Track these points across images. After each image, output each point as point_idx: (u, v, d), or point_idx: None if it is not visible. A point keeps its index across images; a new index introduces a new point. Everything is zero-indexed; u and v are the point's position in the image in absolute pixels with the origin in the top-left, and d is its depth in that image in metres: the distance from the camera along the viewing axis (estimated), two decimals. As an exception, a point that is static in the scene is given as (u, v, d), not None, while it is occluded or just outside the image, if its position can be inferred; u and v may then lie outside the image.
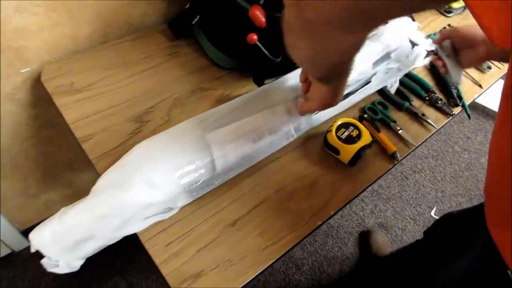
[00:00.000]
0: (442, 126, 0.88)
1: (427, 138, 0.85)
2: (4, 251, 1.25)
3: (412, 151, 0.83)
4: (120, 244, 1.34)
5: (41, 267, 1.26)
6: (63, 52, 0.83)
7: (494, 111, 2.07)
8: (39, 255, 1.30)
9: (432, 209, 1.67)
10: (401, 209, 1.64)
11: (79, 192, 1.27)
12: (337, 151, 0.75)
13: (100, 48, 0.85)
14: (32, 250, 0.61)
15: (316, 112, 0.75)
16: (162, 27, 0.91)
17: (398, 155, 0.79)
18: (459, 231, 0.95)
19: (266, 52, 0.68)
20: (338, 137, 0.74)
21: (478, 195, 1.75)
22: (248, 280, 0.60)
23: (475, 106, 2.10)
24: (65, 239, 0.60)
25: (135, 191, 0.59)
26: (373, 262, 1.42)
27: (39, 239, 0.59)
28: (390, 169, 0.79)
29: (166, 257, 0.61)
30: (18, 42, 0.75)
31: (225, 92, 0.82)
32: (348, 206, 1.59)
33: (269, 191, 0.70)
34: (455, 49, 0.78)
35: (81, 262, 0.63)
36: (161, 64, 0.84)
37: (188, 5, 0.80)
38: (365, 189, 0.75)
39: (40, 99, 0.89)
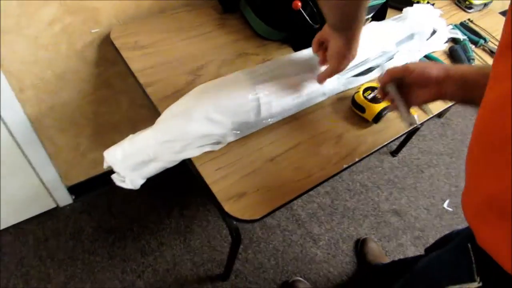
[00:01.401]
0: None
1: (445, 109, 0.95)
2: (50, 205, 1.38)
3: (429, 119, 0.93)
4: (152, 207, 1.46)
5: (81, 222, 1.38)
6: (127, 17, 0.96)
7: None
8: (79, 211, 1.42)
9: (445, 202, 1.74)
10: (415, 199, 1.72)
11: (120, 156, 1.40)
12: (363, 109, 0.85)
13: (159, 16, 0.98)
14: (105, 166, 0.72)
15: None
16: (212, 2, 1.04)
17: (417, 119, 0.89)
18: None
19: (307, 17, 0.80)
20: (365, 97, 0.85)
21: (491, 192, 1.82)
22: (284, 202, 0.71)
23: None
24: (133, 158, 0.71)
25: (196, 122, 0.70)
26: (370, 270, 1.43)
27: (112, 156, 0.71)
28: (408, 131, 0.89)
29: (216, 179, 0.71)
30: (93, 4, 0.89)
31: (266, 57, 0.94)
32: (364, 191, 1.68)
33: (303, 137, 0.81)
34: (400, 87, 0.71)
35: (142, 181, 0.74)
36: (211, 32, 0.97)
37: (239, -19, 0.93)
38: (385, 145, 0.85)
39: (102, 59, 1.02)
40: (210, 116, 0.71)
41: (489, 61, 1.11)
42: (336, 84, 0.86)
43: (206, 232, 1.45)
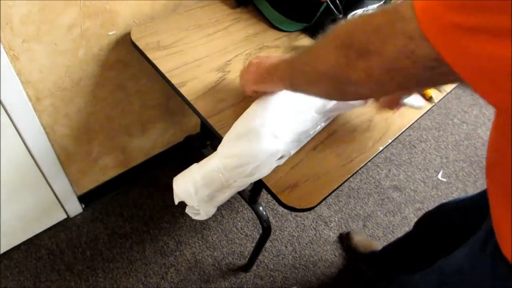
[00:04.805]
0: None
1: (455, 86, 1.01)
2: (60, 216, 1.34)
3: (445, 96, 0.98)
4: (164, 207, 1.46)
5: (95, 230, 1.35)
6: (143, 17, 0.94)
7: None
8: (91, 219, 1.39)
9: (438, 173, 1.84)
10: (412, 173, 1.81)
11: (130, 159, 1.37)
12: (388, 93, 0.89)
13: (174, 14, 0.97)
14: (176, 202, 0.70)
15: None
16: (222, -3, 1.04)
17: (434, 98, 0.94)
18: (456, 223, 0.94)
19: (333, 8, 0.82)
20: (388, 81, 0.89)
21: (477, 161, 1.94)
22: (334, 188, 0.74)
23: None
24: (206, 190, 0.68)
25: (264, 142, 0.68)
26: (364, 260, 1.42)
27: (184, 192, 0.68)
28: (429, 109, 0.94)
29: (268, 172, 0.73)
30: (112, 6, 0.86)
31: (286, 49, 0.95)
32: (365, 170, 1.75)
33: (337, 125, 0.84)
34: None
35: (214, 210, 0.71)
36: (229, 27, 0.97)
37: (255, -26, 0.94)
38: (412, 124, 0.90)
39: (117, 62, 0.99)
40: (276, 132, 0.70)
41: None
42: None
43: (222, 226, 1.46)
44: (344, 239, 1.51)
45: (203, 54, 0.89)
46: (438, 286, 0.74)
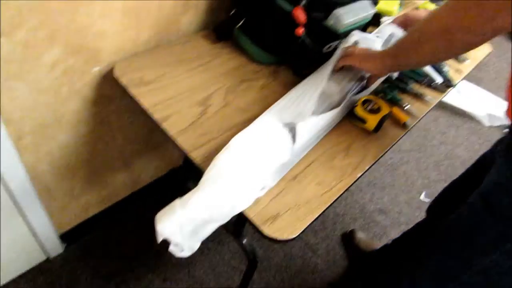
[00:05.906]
0: (439, 101, 1.08)
1: (428, 111, 1.05)
2: (41, 257, 1.30)
3: (418, 121, 1.02)
4: (149, 241, 1.43)
5: (77, 270, 1.32)
6: (125, 53, 0.96)
7: (461, 110, 2.37)
8: (73, 259, 1.35)
9: (421, 194, 1.88)
10: (395, 196, 1.84)
11: (113, 194, 1.36)
12: (364, 121, 0.92)
13: (156, 49, 1.00)
14: (159, 240, 0.70)
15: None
16: (203, 33, 1.08)
17: (409, 123, 0.98)
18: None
19: (310, 42, 0.86)
20: (364, 109, 0.92)
21: (457, 181, 1.99)
22: (316, 217, 0.75)
23: (445, 107, 2.38)
24: (189, 226, 0.69)
25: (244, 180, 0.71)
26: (366, 259, 1.51)
27: (168, 230, 0.68)
28: (404, 135, 0.98)
29: (249, 205, 0.74)
30: (96, 43, 0.88)
31: (266, 81, 0.99)
32: (349, 195, 1.77)
33: (316, 154, 0.86)
34: None
35: (198, 244, 0.72)
36: (210, 62, 1.00)
37: (233, 12, 0.98)
38: (389, 149, 0.93)
39: (100, 97, 1.01)
40: (256, 168, 0.73)
41: (455, 65, 1.24)
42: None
43: (208, 260, 1.44)
44: (347, 237, 1.58)
45: (185, 89, 0.92)
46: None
